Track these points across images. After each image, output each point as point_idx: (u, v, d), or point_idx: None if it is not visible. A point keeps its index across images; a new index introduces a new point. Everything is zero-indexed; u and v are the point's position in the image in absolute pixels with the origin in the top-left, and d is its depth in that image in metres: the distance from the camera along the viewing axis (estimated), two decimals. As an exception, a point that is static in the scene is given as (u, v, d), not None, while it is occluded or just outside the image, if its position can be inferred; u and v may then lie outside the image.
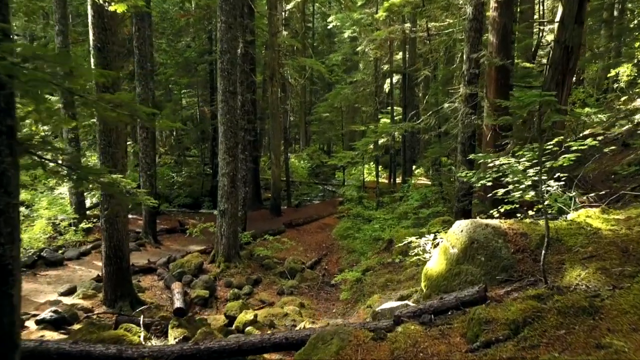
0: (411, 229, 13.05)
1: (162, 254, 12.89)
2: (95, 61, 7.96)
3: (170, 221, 16.76)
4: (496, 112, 8.98)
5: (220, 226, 11.58)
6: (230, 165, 11.29)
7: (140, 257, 12.37)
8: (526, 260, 5.05)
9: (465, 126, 9.53)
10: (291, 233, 16.25)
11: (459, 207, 9.83)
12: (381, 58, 26.19)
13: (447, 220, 10.97)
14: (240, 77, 13.52)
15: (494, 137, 9.13)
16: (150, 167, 13.27)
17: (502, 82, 9.03)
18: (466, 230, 5.51)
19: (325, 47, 41.56)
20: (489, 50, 9.00)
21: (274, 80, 18.02)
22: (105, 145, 8.07)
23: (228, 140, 11.20)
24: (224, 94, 11.03)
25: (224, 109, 11.09)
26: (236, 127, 11.27)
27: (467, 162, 9.79)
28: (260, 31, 21.59)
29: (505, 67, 8.96)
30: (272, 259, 12.80)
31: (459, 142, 9.87)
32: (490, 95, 9.14)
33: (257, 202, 19.52)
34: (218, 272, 11.37)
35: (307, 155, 35.33)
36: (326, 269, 12.77)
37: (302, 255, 13.81)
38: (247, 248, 13.19)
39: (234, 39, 10.95)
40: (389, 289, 9.51)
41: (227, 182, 11.34)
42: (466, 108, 9.31)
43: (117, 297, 8.56)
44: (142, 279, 10.69)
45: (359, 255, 13.23)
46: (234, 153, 11.30)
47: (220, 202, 11.50)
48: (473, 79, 9.58)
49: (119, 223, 8.40)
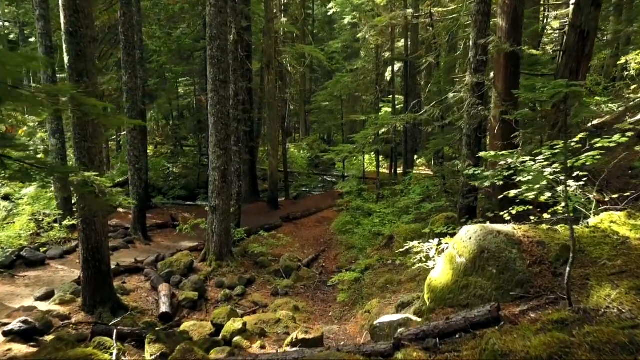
0: (412, 224, 12.44)
1: (151, 251, 12.31)
2: (67, 47, 7.29)
3: (163, 215, 16.17)
4: (505, 103, 8.32)
5: (212, 223, 10.97)
6: (221, 159, 10.64)
7: (128, 255, 11.79)
8: (544, 274, 4.42)
9: (471, 117, 8.86)
10: (288, 227, 15.66)
11: (464, 204, 9.20)
12: (382, 45, 25.37)
13: (450, 217, 10.34)
14: (234, 65, 12.82)
15: (502, 129, 8.46)
16: (139, 160, 12.63)
17: (512, 70, 8.34)
18: (475, 238, 4.88)
19: (326, 34, 40.66)
20: (498, 36, 8.30)
21: (271, 68, 17.29)
22: (80, 140, 7.43)
23: (219, 132, 10.55)
24: (214, 82, 10.35)
25: (214, 99, 10.42)
26: (227, 118, 10.60)
27: (473, 155, 9.14)
28: (257, 17, 20.80)
29: (515, 54, 8.26)
30: (267, 256, 12.22)
31: (465, 134, 9.20)
32: (499, 84, 8.45)
33: (254, 195, 18.90)
34: (209, 272, 10.79)
35: (307, 145, 34.62)
36: (324, 266, 12.19)
37: (298, 251, 13.22)
38: (241, 245, 12.60)
39: (224, 24, 10.24)
40: (389, 291, 8.92)
41: (218, 177, 10.71)
42: (472, 98, 8.63)
43: (97, 303, 7.98)
44: (128, 279, 10.11)
45: (358, 252, 12.63)
46: (225, 146, 10.65)
47: (211, 198, 10.88)
48: (480, 66, 8.89)
49: (97, 223, 7.78)
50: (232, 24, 12.34)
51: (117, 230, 13.61)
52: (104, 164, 7.90)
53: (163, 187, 21.80)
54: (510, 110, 8.30)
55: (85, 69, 7.40)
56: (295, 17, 33.93)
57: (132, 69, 12.27)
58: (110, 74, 14.97)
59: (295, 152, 32.84)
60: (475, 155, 9.17)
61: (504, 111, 8.33)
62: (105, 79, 14.43)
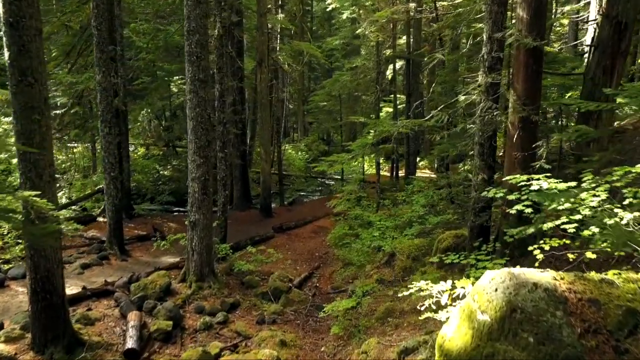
0: (416, 239, 11.27)
1: (127, 269, 11.15)
2: (8, 41, 6.12)
3: (146, 225, 15.00)
4: (526, 107, 7.13)
5: (191, 240, 9.81)
6: (201, 168, 9.48)
7: (100, 274, 10.64)
8: (602, 348, 3.24)
9: (485, 124, 7.67)
10: (281, 239, 14.49)
11: (476, 223, 8.02)
12: (383, 42, 24.16)
13: (460, 236, 9.16)
14: (219, 62, 11.65)
15: (521, 137, 7.27)
16: (115, 167, 11.45)
17: (534, 68, 7.15)
18: (503, 290, 3.70)
19: (325, 31, 39.52)
20: (517, 28, 7.11)
21: (263, 66, 16.12)
22: (25, 150, 6.25)
23: (198, 138, 9.38)
24: (193, 82, 9.18)
25: (193, 100, 9.25)
26: (208, 122, 9.43)
27: (487, 167, 7.96)
28: (250, 12, 19.62)
29: (538, 50, 7.07)
30: (255, 275, 11.07)
31: (477, 142, 8.02)
32: (518, 85, 7.26)
33: (246, 202, 17.74)
34: (188, 295, 9.63)
35: (305, 146, 33.44)
36: (317, 286, 11.02)
37: (291, 267, 12.06)
38: (227, 261, 11.44)
39: (204, 16, 9.06)
40: (389, 324, 7.75)
41: (197, 189, 9.55)
42: (487, 101, 7.44)
43: (48, 341, 6.83)
44: (95, 305, 8.95)
45: (356, 269, 11.47)
46: (206, 153, 9.48)
47: (190, 212, 9.72)
48: (495, 64, 7.71)
49: (47, 249, 6.61)
50: (216, 17, 11.17)
51: (92, 243, 12.45)
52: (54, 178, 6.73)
53: (152, 192, 20.65)
54: (532, 115, 7.13)
55: (30, 66, 6.23)
56: (294, 13, 32.79)
57: (107, 66, 11.08)
58: (88, 72, 13.80)
59: (292, 153, 31.63)
60: (490, 166, 8.00)
61: (524, 117, 7.15)
62: (82, 77, 13.25)
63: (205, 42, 9.21)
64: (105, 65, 11.04)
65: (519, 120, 7.27)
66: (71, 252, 11.86)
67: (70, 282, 9.97)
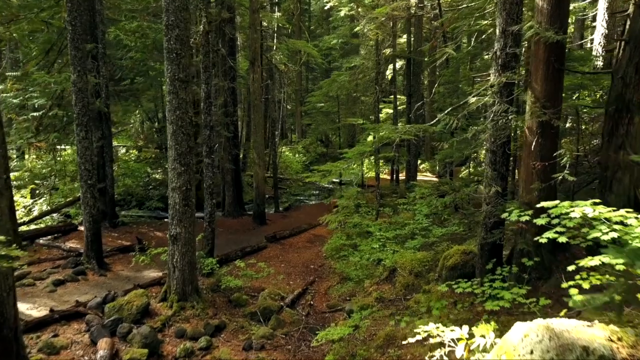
0: (418, 252, 10.39)
1: (105, 285, 10.25)
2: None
3: (130, 234, 14.09)
4: (546, 110, 6.25)
5: (172, 255, 8.92)
6: (182, 177, 8.59)
7: (74, 292, 9.73)
8: None
9: (498, 129, 6.78)
10: (274, 250, 13.60)
11: (487, 241, 7.13)
12: (383, 41, 23.29)
13: (468, 252, 8.27)
14: (205, 60, 10.75)
15: (541, 145, 6.40)
16: (92, 175, 10.53)
17: (555, 65, 6.27)
18: (542, 354, 2.82)
19: (323, 30, 38.66)
20: (537, 20, 6.23)
21: (256, 65, 15.23)
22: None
23: (179, 144, 8.49)
24: (173, 82, 8.29)
25: (172, 102, 8.36)
26: (189, 126, 8.54)
27: (500, 178, 7.08)
28: (244, 9, 18.75)
29: (560, 45, 6.20)
30: (244, 292, 10.19)
31: (488, 149, 7.13)
32: (537, 85, 6.38)
33: (239, 209, 16.84)
34: (169, 316, 8.73)
35: (303, 147, 32.58)
36: (312, 304, 10.12)
37: (283, 282, 11.17)
38: (214, 276, 10.55)
39: (184, 9, 8.17)
40: (390, 356, 6.86)
41: (178, 199, 8.66)
42: (502, 104, 6.55)
43: (-3, 380, 5.92)
44: (62, 330, 8.05)
45: (354, 285, 10.59)
46: (187, 161, 8.59)
47: (171, 225, 8.83)
48: (510, 61, 6.82)
49: (-6, 274, 5.71)
50: (202, 12, 10.28)
51: (68, 256, 11.54)
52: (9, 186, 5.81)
53: (142, 197, 19.75)
54: (553, 120, 6.25)
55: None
56: (291, 12, 31.94)
57: (82, 65, 10.18)
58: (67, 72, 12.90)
59: (290, 155, 30.74)
60: (503, 177, 7.12)
61: (544, 121, 6.27)
62: (61, 77, 12.35)
63: (186, 38, 8.32)
64: (80, 64, 10.14)
65: (538, 125, 6.40)
66: (45, 266, 10.96)
67: (39, 302, 9.09)
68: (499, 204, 7.00)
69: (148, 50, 17.84)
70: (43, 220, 15.27)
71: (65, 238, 13.17)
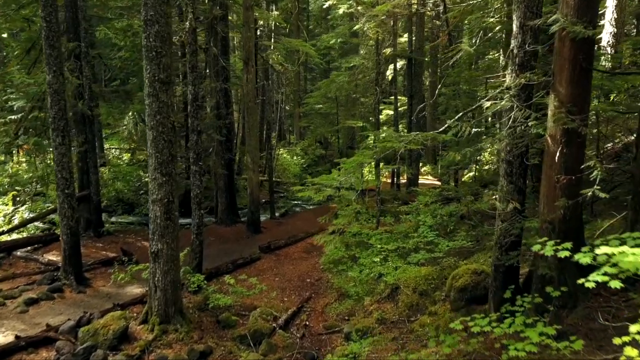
0: (423, 268, 9.60)
1: (83, 304, 9.45)
2: None
3: (116, 244, 13.28)
4: (572, 115, 5.45)
5: (154, 274, 8.12)
6: (163, 188, 7.79)
7: (47, 313, 8.92)
8: None
9: (515, 137, 5.99)
10: (268, 261, 12.80)
11: (502, 262, 6.34)
12: (383, 40, 22.50)
13: (480, 272, 7.48)
14: (191, 60, 9.94)
15: (565, 156, 5.59)
16: (70, 184, 9.73)
17: (583, 65, 5.47)
18: None
19: (322, 29, 37.91)
20: (562, 12, 5.43)
21: (250, 65, 14.43)
22: None
23: (160, 151, 7.69)
24: (152, 84, 7.50)
25: (152, 106, 7.57)
26: (171, 132, 7.75)
27: (517, 192, 6.28)
28: (238, 6, 17.94)
29: (589, 42, 5.40)
30: (234, 311, 9.41)
31: (504, 159, 6.34)
32: (562, 88, 5.58)
33: (232, 216, 16.03)
34: (149, 341, 7.94)
35: (302, 149, 31.75)
36: (307, 325, 9.31)
37: (277, 299, 10.36)
38: (202, 293, 9.75)
39: (164, 2, 7.38)
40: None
41: (159, 212, 7.86)
42: (521, 109, 5.75)
43: None
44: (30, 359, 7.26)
45: (353, 303, 9.79)
46: (169, 170, 7.80)
47: (152, 241, 8.03)
48: (529, 61, 6.03)
49: None
50: (188, 7, 9.48)
51: (46, 270, 10.74)
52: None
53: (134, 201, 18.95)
54: (581, 127, 5.45)
55: None
56: (289, 11, 31.15)
57: (58, 65, 9.37)
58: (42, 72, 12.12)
59: (287, 158, 29.91)
60: (520, 190, 6.33)
61: (570, 129, 5.47)
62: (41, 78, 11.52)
63: (167, 35, 7.52)
64: (56, 64, 9.33)
65: (563, 133, 5.60)
66: (20, 282, 10.16)
67: (7, 326, 8.29)
68: (517, 221, 6.21)
69: (138, 50, 17.04)
70: (26, 228, 14.47)
71: (46, 249, 12.38)
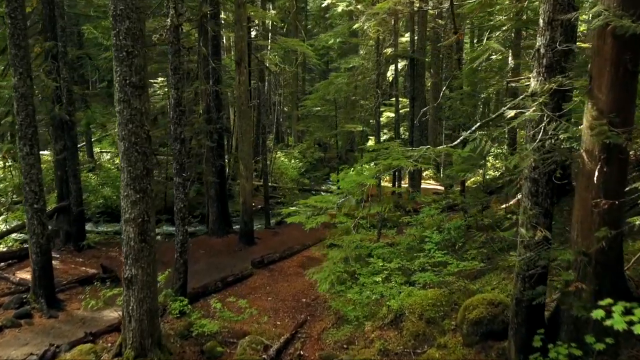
0: (430, 290, 8.70)
1: (53, 332, 8.52)
2: None
3: (97, 259, 12.35)
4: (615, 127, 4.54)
5: (127, 303, 7.20)
6: (138, 206, 6.87)
7: (10, 344, 7.98)
8: None
9: (542, 152, 5.07)
10: (260, 277, 11.87)
11: (525, 297, 5.42)
12: (384, 40, 21.60)
13: (496, 304, 6.57)
14: (174, 60, 9.02)
15: (606, 175, 4.68)
16: (39, 199, 8.81)
17: (627, 67, 4.57)
18: None
19: (320, 29, 37.04)
20: (604, 4, 4.52)
21: (242, 66, 13.51)
22: None
23: (133, 165, 6.78)
24: (123, 88, 6.58)
25: (123, 114, 6.65)
26: (146, 143, 6.83)
27: (545, 215, 5.37)
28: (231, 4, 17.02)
29: (636, 39, 4.49)
30: (221, 338, 8.48)
31: (527, 177, 5.42)
32: (602, 94, 4.68)
33: (224, 226, 15.11)
34: (122, 378, 7.03)
35: (300, 152, 30.84)
36: (301, 355, 8.38)
37: (269, 323, 9.44)
38: (185, 318, 8.83)
39: (136, -5, 6.46)
40: None
41: (133, 234, 6.94)
42: (554, 120, 4.84)
43: None
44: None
45: (353, 329, 8.87)
46: (144, 186, 6.88)
47: (125, 266, 7.12)
48: (559, 61, 5.12)
49: None
50: (170, 2, 8.57)
51: (16, 291, 9.81)
52: None
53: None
54: (625, 142, 4.54)
55: None
56: (287, 10, 30.26)
57: (25, 67, 8.44)
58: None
59: (285, 161, 28.98)
60: (547, 213, 5.41)
61: (611, 144, 4.56)
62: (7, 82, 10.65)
63: (140, 32, 6.61)
64: (23, 65, 8.40)
65: (602, 149, 4.70)
66: (-14, 306, 9.25)
67: (-39, 362, 7.37)
68: (544, 249, 5.29)
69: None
70: (3, 240, 13.57)
71: (20, 265, 11.45)
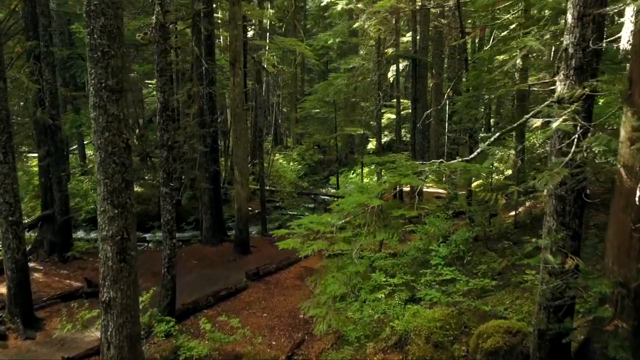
0: (437, 310, 8.04)
1: (29, 355, 7.87)
2: None
3: (83, 271, 11.69)
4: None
5: (106, 328, 6.54)
6: (116, 223, 6.22)
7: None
8: None
9: (571, 167, 4.41)
10: (255, 291, 11.21)
11: (548, 328, 4.77)
12: (385, 40, 20.94)
13: (514, 332, 5.90)
14: (159, 61, 8.37)
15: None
16: (15, 210, 8.15)
17: (674, 69, 3.92)
18: None
19: (320, 29, 36.36)
20: (649, -4, 3.88)
21: (237, 67, 12.85)
22: None
23: (110, 177, 6.12)
24: (98, 92, 5.93)
25: (99, 120, 5.99)
26: (124, 153, 6.18)
27: (573, 237, 4.72)
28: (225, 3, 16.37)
29: (686, 36, 3.84)
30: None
31: (551, 194, 4.77)
32: (644, 101, 4.02)
33: (218, 234, 14.44)
34: (99, 412, 6.37)
35: (298, 154, 30.16)
36: (298, 381, 7.75)
37: (264, 344, 8.77)
38: (173, 338, 8.17)
39: (112, -11, 5.80)
40: None
41: (111, 253, 6.28)
42: (587, 130, 4.19)
43: None
44: None
45: (354, 351, 8.21)
46: (123, 201, 6.23)
47: (103, 288, 6.46)
48: (590, 62, 4.47)
49: None
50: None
51: (-7, 309, 9.16)
52: None
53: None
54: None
55: None
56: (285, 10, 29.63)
57: (-2, 68, 7.83)
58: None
59: (284, 163, 28.30)
60: (575, 235, 4.76)
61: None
62: None
63: (117, 31, 5.95)
64: (-5, 67, 7.78)
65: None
66: (-42, 326, 8.57)
67: None
68: (572, 277, 4.64)
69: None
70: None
71: (0, 279, 10.78)
